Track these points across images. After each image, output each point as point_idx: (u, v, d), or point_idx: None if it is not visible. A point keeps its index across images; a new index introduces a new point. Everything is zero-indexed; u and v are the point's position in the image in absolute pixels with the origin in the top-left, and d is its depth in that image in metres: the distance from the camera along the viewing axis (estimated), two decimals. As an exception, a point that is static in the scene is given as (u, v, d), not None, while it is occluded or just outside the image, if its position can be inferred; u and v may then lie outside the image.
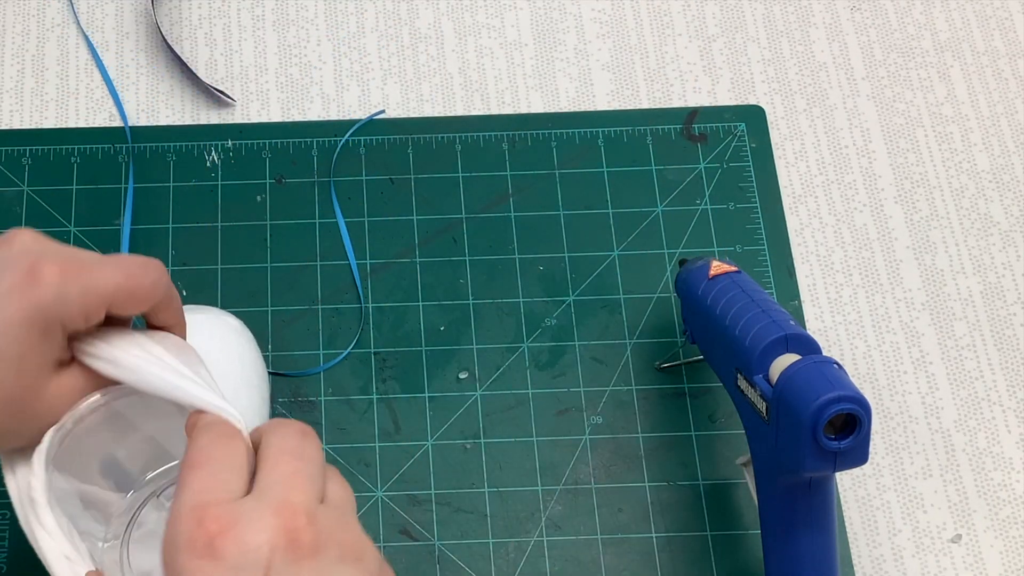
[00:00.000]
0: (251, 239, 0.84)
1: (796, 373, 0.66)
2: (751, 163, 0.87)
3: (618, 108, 0.89)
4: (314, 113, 0.88)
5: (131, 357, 0.59)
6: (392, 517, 0.76)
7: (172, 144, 0.86)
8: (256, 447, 0.55)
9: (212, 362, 0.62)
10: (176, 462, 0.61)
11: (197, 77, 0.88)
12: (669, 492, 0.78)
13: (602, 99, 0.89)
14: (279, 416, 0.79)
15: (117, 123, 0.87)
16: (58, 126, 0.87)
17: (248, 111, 0.88)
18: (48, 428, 0.59)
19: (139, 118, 0.87)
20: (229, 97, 0.88)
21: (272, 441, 0.55)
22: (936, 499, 0.78)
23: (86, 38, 0.90)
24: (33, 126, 0.87)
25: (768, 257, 0.84)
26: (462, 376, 0.80)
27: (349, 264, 0.83)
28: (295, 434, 0.55)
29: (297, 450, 0.54)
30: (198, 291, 0.82)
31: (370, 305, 0.82)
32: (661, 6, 0.93)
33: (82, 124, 0.87)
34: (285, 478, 0.53)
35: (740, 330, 0.70)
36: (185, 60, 0.88)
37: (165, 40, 0.89)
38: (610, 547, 0.76)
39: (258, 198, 0.85)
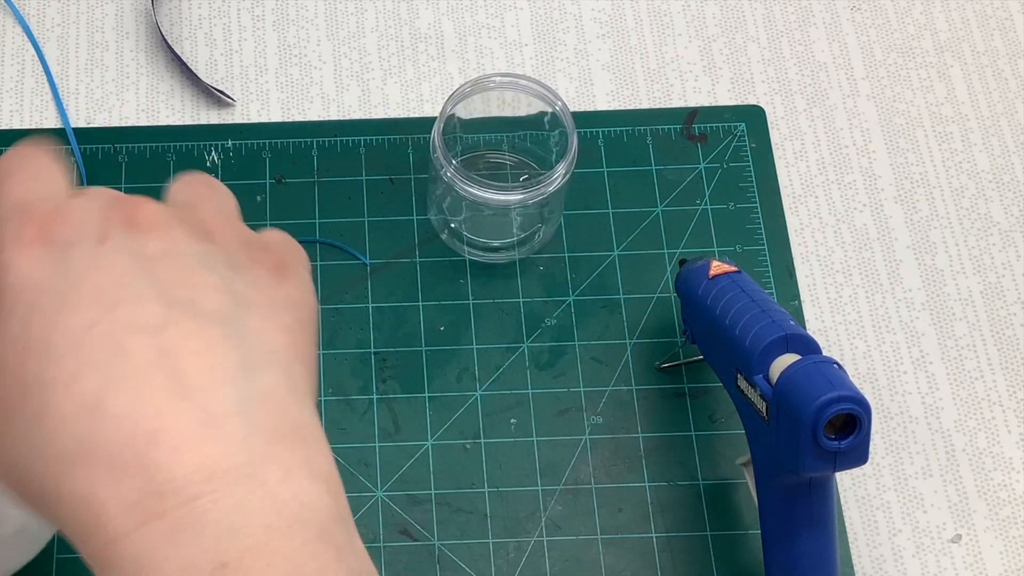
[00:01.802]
0: (251, 239, 0.84)
1: (796, 373, 0.66)
2: (751, 163, 0.87)
3: (618, 108, 0.89)
4: (314, 113, 0.88)
5: None
6: (392, 517, 0.76)
7: (172, 144, 0.86)
8: None
9: None
10: None
11: (197, 77, 0.88)
12: (669, 492, 0.78)
13: (602, 99, 0.89)
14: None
15: (117, 123, 0.87)
16: (58, 126, 0.87)
17: (248, 111, 0.88)
18: None
19: (139, 118, 0.87)
20: (229, 97, 0.88)
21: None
22: (936, 499, 0.78)
23: (33, 41, 0.90)
24: (33, 126, 0.87)
25: (768, 257, 0.84)
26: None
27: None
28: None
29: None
30: (198, 291, 0.82)
31: (370, 305, 0.82)
32: (661, 6, 0.93)
33: (82, 124, 0.87)
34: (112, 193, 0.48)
35: (740, 330, 0.70)
36: (185, 60, 0.88)
37: (165, 40, 0.89)
38: (610, 547, 0.76)
39: (258, 198, 0.85)
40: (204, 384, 0.43)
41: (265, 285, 0.47)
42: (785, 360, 0.68)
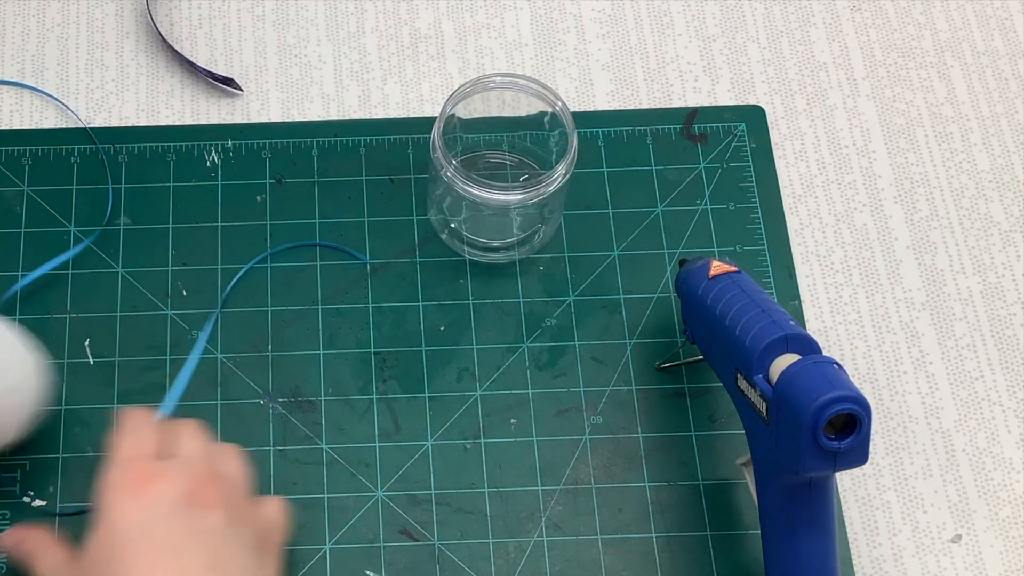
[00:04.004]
0: (251, 239, 0.84)
1: (796, 373, 0.66)
2: (751, 163, 0.87)
3: (618, 108, 0.89)
4: (314, 113, 0.88)
5: None
6: (392, 517, 0.76)
7: (172, 144, 0.86)
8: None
9: None
10: None
11: (198, 67, 0.88)
12: (669, 492, 0.78)
13: (602, 99, 0.89)
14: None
15: (118, 123, 0.87)
16: (58, 126, 0.87)
17: (248, 111, 0.88)
18: None
19: (139, 118, 0.87)
20: (237, 87, 0.88)
21: (183, 427, 0.72)
22: (936, 499, 0.78)
23: None
24: (33, 126, 0.87)
25: (768, 257, 0.84)
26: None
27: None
28: (198, 424, 0.73)
29: (201, 434, 0.72)
30: (198, 291, 0.82)
31: (370, 305, 0.82)
32: (661, 6, 0.93)
33: (82, 124, 0.87)
34: (193, 452, 0.71)
35: (740, 330, 0.70)
36: (186, 55, 0.88)
37: (163, 37, 0.89)
38: (610, 547, 0.76)
39: (258, 198, 0.85)
40: None
41: (254, 564, 0.68)
42: (785, 360, 0.68)
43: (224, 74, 0.88)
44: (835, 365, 0.67)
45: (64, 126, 0.87)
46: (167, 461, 0.69)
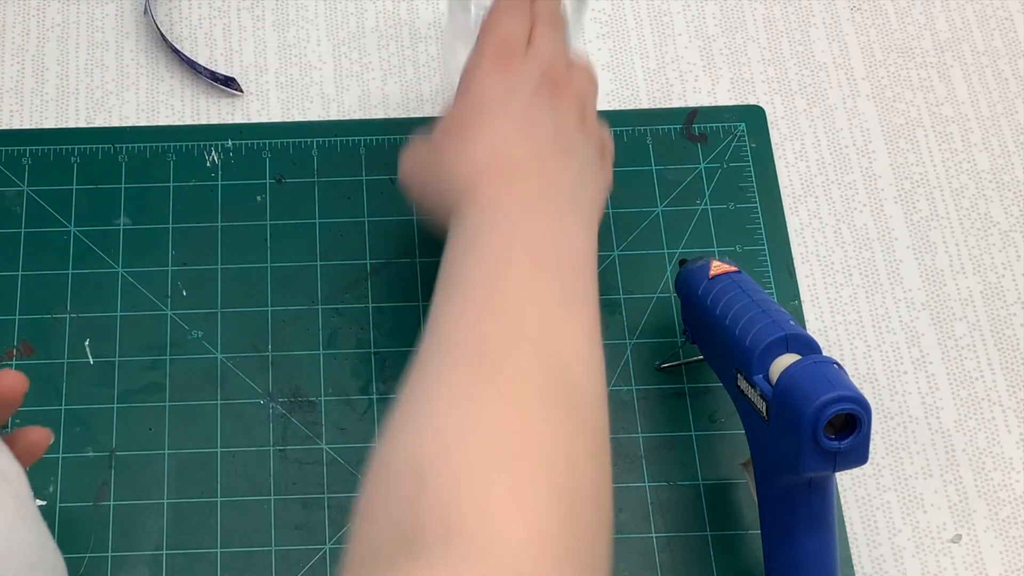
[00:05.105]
0: (251, 239, 0.84)
1: (796, 373, 0.66)
2: (751, 163, 0.87)
3: (618, 108, 0.89)
4: (314, 113, 0.88)
5: None
6: (392, 517, 0.76)
7: (172, 144, 0.86)
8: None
9: None
10: None
11: (198, 67, 0.88)
12: (669, 492, 0.78)
13: (602, 99, 0.89)
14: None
15: (118, 123, 0.87)
16: (58, 126, 0.87)
17: (248, 111, 0.88)
18: None
19: (139, 118, 0.88)
20: (237, 87, 0.88)
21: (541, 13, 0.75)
22: (936, 499, 0.78)
23: None
24: (33, 126, 0.87)
25: (768, 257, 0.84)
26: None
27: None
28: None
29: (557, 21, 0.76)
30: (198, 291, 0.82)
31: (370, 305, 0.82)
32: (661, 6, 0.93)
33: (82, 124, 0.87)
34: (557, 50, 0.75)
35: (740, 330, 0.70)
36: (187, 54, 0.88)
37: (163, 37, 0.89)
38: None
39: (258, 198, 0.85)
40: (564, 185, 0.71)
41: (596, 166, 0.75)
42: (785, 360, 0.68)
43: (224, 74, 0.88)
44: (835, 365, 0.67)
45: (64, 126, 0.87)
46: (534, 48, 0.74)
